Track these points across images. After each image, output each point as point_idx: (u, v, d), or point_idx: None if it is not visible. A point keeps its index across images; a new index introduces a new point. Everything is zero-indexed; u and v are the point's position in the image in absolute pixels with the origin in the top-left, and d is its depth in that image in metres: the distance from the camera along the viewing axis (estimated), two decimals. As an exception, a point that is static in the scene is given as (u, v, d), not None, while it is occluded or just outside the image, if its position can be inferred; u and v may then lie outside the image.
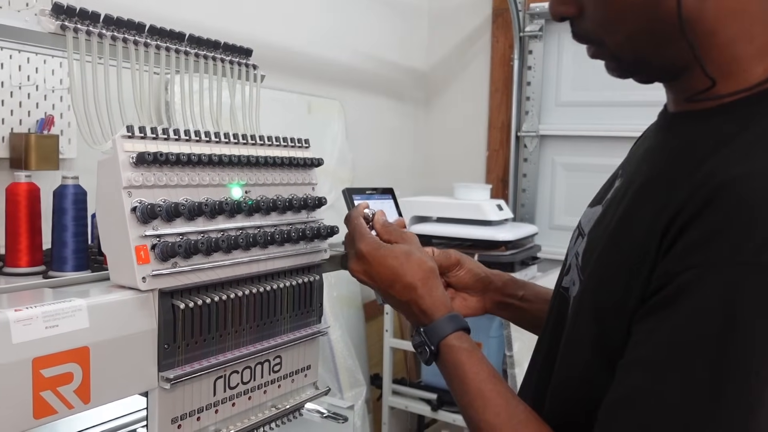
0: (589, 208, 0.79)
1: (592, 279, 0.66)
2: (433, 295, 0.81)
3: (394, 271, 0.82)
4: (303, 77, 2.24)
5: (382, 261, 0.83)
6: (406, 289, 0.82)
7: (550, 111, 2.80)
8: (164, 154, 0.82)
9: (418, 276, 0.82)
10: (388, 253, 0.83)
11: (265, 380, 0.99)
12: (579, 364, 0.66)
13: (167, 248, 0.81)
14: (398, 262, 0.83)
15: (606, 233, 0.67)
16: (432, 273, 0.83)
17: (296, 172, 1.06)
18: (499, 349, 2.27)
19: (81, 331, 0.73)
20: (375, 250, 0.84)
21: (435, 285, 0.82)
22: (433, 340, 0.77)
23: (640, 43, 0.65)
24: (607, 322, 0.62)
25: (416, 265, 0.82)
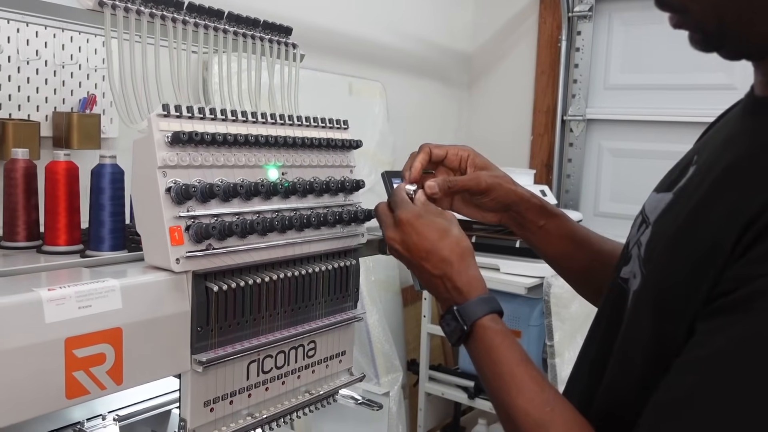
0: (654, 193, 0.73)
1: (656, 272, 0.62)
2: (469, 273, 0.77)
3: (432, 243, 0.79)
4: (345, 58, 2.21)
5: (420, 230, 0.80)
6: (441, 263, 0.78)
7: (598, 94, 2.71)
8: (200, 133, 0.81)
9: (456, 251, 0.78)
10: (428, 223, 0.80)
11: (299, 365, 0.98)
12: (636, 364, 0.62)
13: (201, 229, 0.79)
14: (437, 235, 0.79)
15: (675, 224, 0.62)
16: (469, 252, 0.80)
17: (334, 154, 1.04)
18: (539, 338, 2.22)
19: (114, 311, 0.72)
20: (415, 218, 0.81)
21: (471, 263, 0.79)
22: (467, 319, 0.74)
23: (728, 12, 0.58)
24: (669, 320, 0.58)
25: (455, 241, 0.79)
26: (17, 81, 1.33)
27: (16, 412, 0.65)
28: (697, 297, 0.55)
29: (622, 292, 0.69)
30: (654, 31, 2.51)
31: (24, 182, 1.00)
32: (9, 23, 1.30)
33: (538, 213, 0.93)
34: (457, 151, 0.94)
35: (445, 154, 0.94)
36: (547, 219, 0.93)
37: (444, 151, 0.94)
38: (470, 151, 0.95)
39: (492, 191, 0.91)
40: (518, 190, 0.93)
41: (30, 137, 1.30)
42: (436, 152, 0.93)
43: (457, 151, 0.94)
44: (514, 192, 0.93)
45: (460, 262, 0.78)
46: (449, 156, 0.94)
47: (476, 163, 0.94)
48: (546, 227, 0.93)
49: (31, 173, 1.01)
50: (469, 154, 0.94)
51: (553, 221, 0.93)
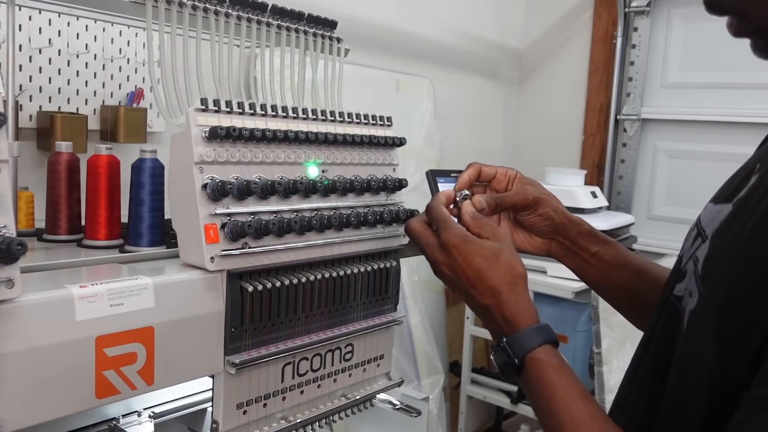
0: (711, 204, 0.67)
1: (717, 292, 0.56)
2: (519, 302, 0.73)
3: (480, 270, 0.75)
4: (392, 53, 2.18)
5: (468, 257, 0.76)
6: (489, 293, 0.74)
7: (655, 93, 2.61)
8: (237, 129, 0.79)
9: (505, 280, 0.74)
10: (476, 249, 0.76)
11: (335, 368, 0.95)
12: (697, 391, 0.57)
13: (237, 228, 0.77)
14: (486, 262, 0.75)
15: (737, 240, 0.56)
16: (521, 279, 0.75)
17: (377, 152, 1.00)
18: (586, 343, 2.15)
19: (146, 310, 0.71)
20: (462, 243, 0.77)
21: (522, 292, 0.74)
22: (518, 352, 0.69)
23: None
24: (732, 345, 0.53)
25: (506, 268, 0.74)
26: (67, 74, 1.34)
27: (45, 410, 0.64)
28: (765, 323, 0.50)
29: (675, 311, 0.64)
30: (715, 27, 2.38)
31: (67, 175, 1.00)
32: (60, 17, 1.32)
33: (590, 239, 0.89)
34: (506, 171, 0.92)
35: (494, 173, 0.92)
36: (600, 246, 0.89)
37: (494, 171, 0.92)
38: (518, 172, 0.93)
39: (539, 205, 0.88)
40: (568, 212, 0.90)
41: (77, 130, 1.30)
42: (485, 170, 0.91)
43: (506, 171, 0.92)
44: (562, 212, 0.89)
45: (510, 291, 0.73)
46: (498, 176, 0.92)
47: (523, 180, 0.92)
48: (600, 255, 0.89)
49: (74, 167, 1.01)
50: (516, 174, 0.92)
51: (607, 248, 0.89)
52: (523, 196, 0.88)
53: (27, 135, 1.31)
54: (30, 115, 1.30)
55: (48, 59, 1.31)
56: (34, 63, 1.29)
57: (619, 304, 0.92)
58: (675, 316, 0.63)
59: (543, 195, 0.89)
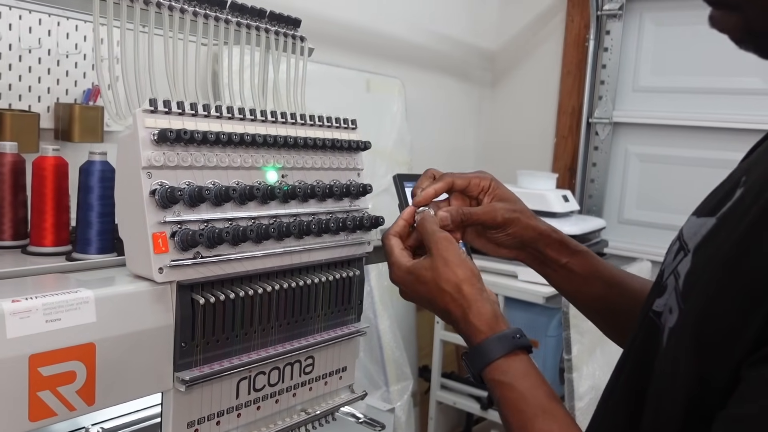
0: (694, 217, 0.64)
1: (698, 308, 0.53)
2: (466, 317, 0.71)
3: (428, 298, 0.75)
4: (362, 53, 2.14)
5: (414, 288, 0.77)
6: (444, 315, 0.75)
7: (626, 96, 2.61)
8: (189, 131, 0.74)
9: (446, 298, 0.73)
10: (415, 279, 0.76)
11: (294, 382, 0.91)
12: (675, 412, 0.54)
13: (188, 236, 0.73)
14: (425, 288, 0.75)
15: (720, 254, 0.53)
16: (460, 291, 0.72)
17: (340, 156, 0.96)
18: (556, 348, 2.14)
19: (86, 325, 0.66)
20: (404, 277, 0.78)
21: (467, 305, 0.71)
22: (473, 369, 0.67)
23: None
24: (711, 361, 0.50)
25: (442, 285, 0.73)
26: (18, 70, 1.28)
27: (-30, 436, 0.59)
28: (746, 338, 0.47)
29: (654, 328, 0.61)
30: (687, 31, 2.40)
31: (11, 178, 0.94)
32: (11, 10, 1.25)
33: (559, 250, 0.86)
34: (479, 180, 0.87)
35: (467, 184, 0.86)
36: (570, 256, 0.86)
37: (466, 182, 0.86)
38: (491, 179, 0.87)
39: (508, 226, 0.85)
40: (538, 225, 0.86)
41: (28, 129, 1.24)
42: (458, 183, 0.86)
43: (479, 180, 0.87)
44: (532, 227, 0.86)
45: (456, 308, 0.72)
46: (471, 186, 0.87)
47: (496, 194, 0.87)
48: (569, 265, 0.86)
49: (19, 168, 0.95)
50: (490, 183, 0.87)
51: (578, 259, 0.86)
52: (492, 216, 0.84)
53: (-25, 133, 1.24)
54: (-22, 113, 1.23)
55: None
56: (-18, 58, 1.22)
57: (591, 315, 0.90)
58: (653, 333, 0.60)
59: (514, 215, 0.84)
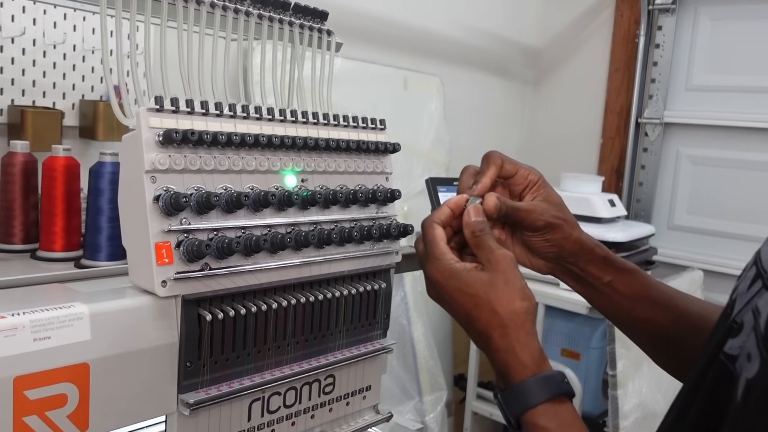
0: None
1: None
2: (512, 350, 0.62)
3: (467, 312, 0.65)
4: (400, 50, 2.06)
5: (453, 296, 0.66)
6: (480, 337, 0.65)
7: (679, 96, 2.47)
8: (197, 132, 0.68)
9: (494, 323, 0.63)
10: (461, 285, 0.66)
11: (313, 403, 0.84)
12: None
13: (194, 247, 0.67)
14: (471, 302, 0.64)
15: None
16: (516, 320, 0.63)
17: (367, 159, 0.89)
18: (599, 361, 2.03)
19: (80, 344, 0.61)
20: (446, 279, 0.67)
21: (517, 336, 0.63)
22: (511, 412, 0.59)
23: None
24: None
25: (494, 309, 0.63)
26: (42, 66, 1.24)
27: (-55, 466, 0.54)
28: None
29: (726, 375, 0.51)
30: (745, 27, 2.26)
31: (22, 179, 0.90)
32: (35, 4, 1.22)
33: (603, 267, 0.76)
34: (528, 173, 0.77)
35: (515, 172, 0.77)
36: (615, 275, 0.76)
37: (515, 169, 0.77)
38: (540, 177, 0.78)
39: (549, 231, 0.75)
40: (581, 238, 0.76)
41: (50, 127, 1.20)
42: (507, 168, 0.76)
43: (528, 173, 0.77)
44: (575, 239, 0.76)
45: (500, 336, 0.63)
46: (518, 176, 0.77)
47: (541, 192, 0.77)
48: (614, 284, 0.76)
49: (30, 169, 0.91)
50: (538, 180, 0.77)
51: (624, 277, 0.76)
52: (535, 216, 0.74)
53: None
54: (1, 110, 1.20)
55: (21, 49, 1.21)
56: (5, 53, 1.19)
57: (638, 340, 0.80)
58: (726, 381, 0.50)
59: (557, 220, 0.75)
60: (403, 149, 0.95)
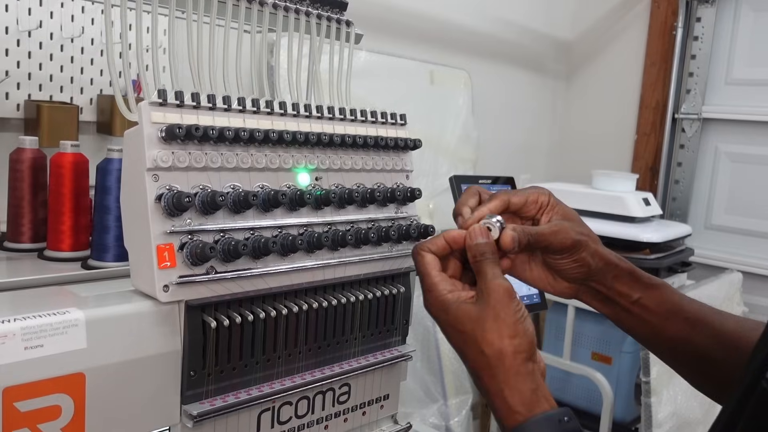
0: None
1: None
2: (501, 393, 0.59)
3: (458, 348, 0.63)
4: (426, 43, 2.01)
5: (445, 330, 0.64)
6: (472, 376, 0.63)
7: (718, 90, 2.37)
8: (201, 127, 0.64)
9: (481, 363, 0.60)
10: (450, 322, 0.63)
11: (326, 413, 0.80)
12: None
13: (198, 249, 0.63)
14: (461, 339, 0.62)
15: None
16: (503, 360, 0.59)
17: (386, 156, 0.85)
18: (632, 366, 1.96)
19: (75, 353, 0.57)
20: (438, 312, 0.65)
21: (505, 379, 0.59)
22: None
23: None
24: None
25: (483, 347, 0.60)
26: (60, 60, 1.22)
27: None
28: None
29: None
30: (790, 17, 2.16)
31: (31, 175, 0.88)
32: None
33: (630, 283, 0.71)
34: (537, 196, 0.72)
35: (524, 202, 0.72)
36: (643, 291, 0.71)
37: (523, 199, 0.72)
38: (549, 194, 0.73)
39: (577, 250, 0.69)
40: (604, 253, 0.71)
41: (66, 122, 1.18)
42: (515, 201, 0.71)
43: (537, 196, 0.72)
44: (600, 254, 0.70)
45: (489, 378, 0.59)
46: (528, 203, 0.72)
47: (556, 211, 0.72)
48: (642, 302, 0.71)
49: (39, 165, 0.89)
50: (549, 199, 0.72)
51: (652, 293, 0.71)
52: (562, 236, 0.68)
53: (14, 126, 1.19)
54: (17, 104, 1.18)
55: (38, 43, 1.19)
56: (22, 47, 1.17)
57: (671, 360, 0.74)
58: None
59: (582, 237, 0.69)
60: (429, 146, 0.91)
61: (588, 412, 2.00)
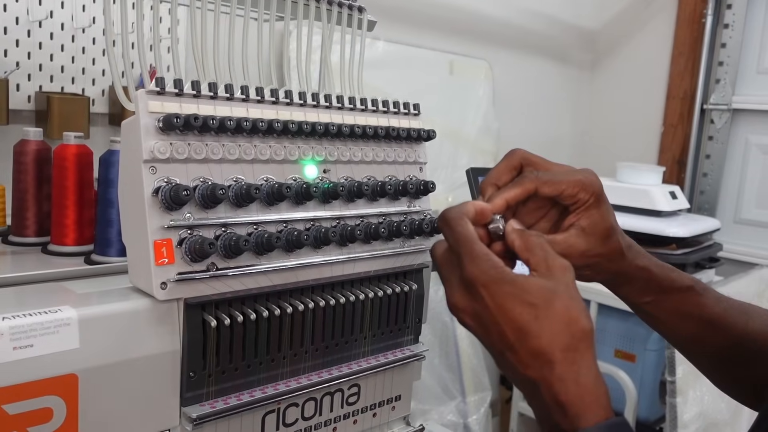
0: None
1: None
2: (581, 380, 0.48)
3: (522, 326, 0.50)
4: (445, 32, 1.96)
5: (503, 303, 0.51)
6: (536, 361, 0.50)
7: (749, 79, 2.29)
8: (201, 117, 0.61)
9: (561, 342, 0.49)
10: (517, 291, 0.51)
11: (335, 415, 0.77)
12: None
13: (197, 245, 0.60)
14: (531, 313, 0.50)
15: None
16: (585, 340, 0.50)
17: (398, 147, 0.81)
18: (657, 364, 1.90)
19: (67, 353, 0.55)
20: (495, 282, 0.51)
21: (586, 363, 0.49)
22: None
23: None
24: None
25: (562, 323, 0.50)
26: (71, 51, 1.20)
27: None
28: None
29: None
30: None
31: (35, 168, 0.86)
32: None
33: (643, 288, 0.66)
34: (576, 191, 0.60)
35: (557, 194, 0.61)
36: (656, 294, 0.66)
37: (557, 191, 0.61)
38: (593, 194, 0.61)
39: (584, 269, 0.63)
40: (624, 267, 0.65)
41: (77, 114, 1.17)
42: (545, 191, 0.61)
43: (576, 191, 0.60)
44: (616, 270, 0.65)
45: (568, 361, 0.48)
46: (562, 197, 0.61)
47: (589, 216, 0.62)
48: (655, 304, 0.66)
49: (44, 157, 0.87)
50: (588, 200, 0.61)
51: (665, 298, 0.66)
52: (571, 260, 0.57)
53: (25, 118, 1.18)
54: (28, 96, 1.17)
55: (49, 34, 1.17)
56: (33, 38, 1.15)
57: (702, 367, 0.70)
58: None
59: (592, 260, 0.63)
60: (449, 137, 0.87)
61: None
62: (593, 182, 0.61)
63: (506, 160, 0.63)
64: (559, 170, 0.62)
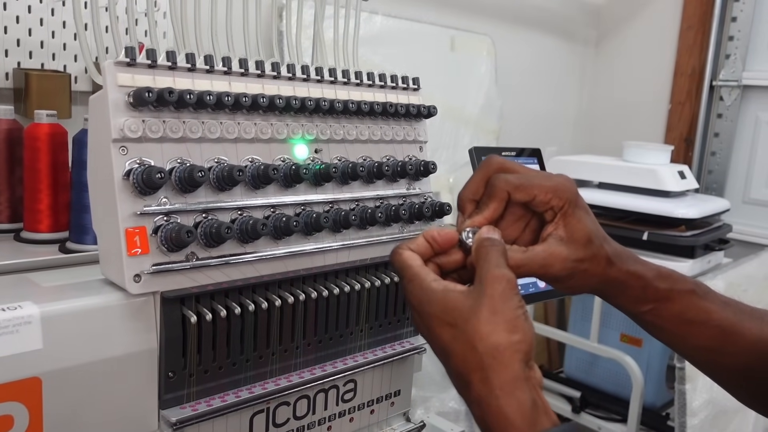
0: None
1: None
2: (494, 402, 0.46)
3: (443, 346, 0.50)
4: (446, 6, 1.89)
5: (428, 325, 0.51)
6: (458, 381, 0.49)
7: (761, 55, 2.21)
8: (176, 91, 0.55)
9: (471, 361, 0.47)
10: (436, 313, 0.50)
11: (330, 413, 0.72)
12: None
13: (174, 233, 0.54)
14: (449, 334, 0.49)
15: None
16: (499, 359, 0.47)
17: (396, 125, 0.75)
18: (664, 349, 1.85)
19: (28, 354, 0.49)
20: (420, 303, 0.52)
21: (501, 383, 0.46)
22: None
23: None
24: None
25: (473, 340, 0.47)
26: (51, 26, 1.14)
27: None
28: None
29: None
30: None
31: (7, 149, 0.80)
32: (41, -43, 1.11)
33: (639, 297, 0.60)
34: (549, 198, 0.58)
35: (529, 199, 0.58)
36: (655, 303, 0.60)
37: (529, 197, 0.58)
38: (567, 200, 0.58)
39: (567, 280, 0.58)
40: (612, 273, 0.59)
41: (58, 92, 1.10)
42: (518, 197, 0.58)
43: (549, 198, 0.58)
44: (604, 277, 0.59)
45: (480, 379, 0.46)
46: (535, 203, 0.58)
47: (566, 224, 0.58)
48: (655, 313, 0.60)
49: (16, 138, 0.81)
50: (563, 206, 0.58)
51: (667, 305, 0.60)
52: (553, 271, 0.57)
53: (4, 96, 1.12)
54: (6, 73, 1.10)
55: (27, 7, 1.10)
56: (9, 11, 1.08)
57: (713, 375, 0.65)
58: None
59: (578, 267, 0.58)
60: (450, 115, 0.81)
61: (616, 396, 1.91)
62: (567, 188, 0.59)
63: (482, 170, 0.60)
64: (533, 175, 0.59)
